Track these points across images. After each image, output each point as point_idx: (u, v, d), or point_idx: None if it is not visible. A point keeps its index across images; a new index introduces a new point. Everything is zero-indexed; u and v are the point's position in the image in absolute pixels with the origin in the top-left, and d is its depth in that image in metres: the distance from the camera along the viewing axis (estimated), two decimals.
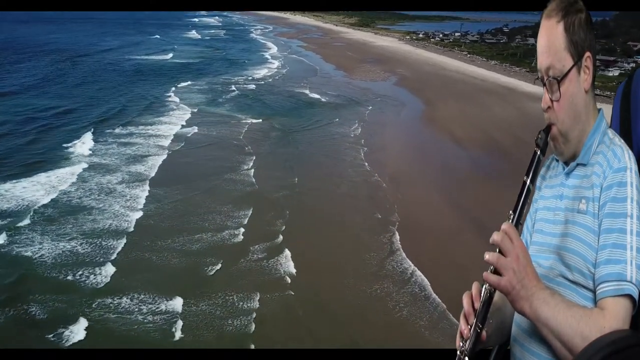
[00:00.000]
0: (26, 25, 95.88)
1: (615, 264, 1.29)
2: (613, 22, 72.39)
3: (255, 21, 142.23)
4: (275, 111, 35.90)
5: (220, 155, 25.78)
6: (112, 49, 65.86)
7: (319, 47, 75.87)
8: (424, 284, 14.72)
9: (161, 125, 30.67)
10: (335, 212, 19.30)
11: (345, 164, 24.97)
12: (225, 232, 17.37)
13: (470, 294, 1.40)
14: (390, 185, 22.01)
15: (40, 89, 39.58)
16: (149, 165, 23.47)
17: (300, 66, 57.92)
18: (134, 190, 20.42)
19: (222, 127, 31.16)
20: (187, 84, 44.45)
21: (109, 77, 46.33)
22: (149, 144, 26.98)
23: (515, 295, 1.28)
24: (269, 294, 14.04)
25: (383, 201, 20.40)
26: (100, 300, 13.50)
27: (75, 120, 31.13)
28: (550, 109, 1.46)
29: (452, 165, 25.09)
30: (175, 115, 33.24)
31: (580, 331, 1.22)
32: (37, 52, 59.30)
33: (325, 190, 21.49)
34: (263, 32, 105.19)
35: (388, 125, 32.62)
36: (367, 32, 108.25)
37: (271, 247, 16.47)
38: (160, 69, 52.12)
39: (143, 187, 20.82)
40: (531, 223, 1.61)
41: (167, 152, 25.69)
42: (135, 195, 19.94)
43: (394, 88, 46.22)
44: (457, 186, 22.37)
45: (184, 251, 16.02)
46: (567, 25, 1.41)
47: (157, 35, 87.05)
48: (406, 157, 26.08)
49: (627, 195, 1.33)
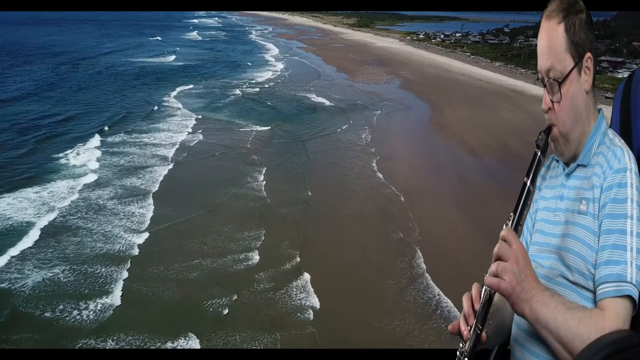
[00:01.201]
0: (24, 27, 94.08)
1: (615, 265, 1.27)
2: (614, 22, 71.40)
3: (254, 22, 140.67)
4: (281, 117, 34.34)
5: (227, 166, 24.18)
6: (113, 52, 64.30)
7: (319, 49, 74.39)
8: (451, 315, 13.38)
9: (164, 134, 29.06)
10: (354, 230, 17.74)
11: (359, 175, 23.42)
12: (238, 255, 15.80)
13: (470, 295, 1.38)
14: (407, 199, 20.51)
15: (37, 95, 37.80)
16: (151, 179, 21.82)
17: (302, 69, 56.36)
18: (135, 209, 18.77)
19: (227, 135, 29.58)
20: (189, 88, 43.00)
21: (110, 82, 44.70)
22: (151, 154, 25.32)
23: (515, 298, 1.27)
24: (290, 332, 12.56)
25: (401, 218, 18.86)
26: (99, 340, 12.01)
27: (72, 129, 29.46)
28: (551, 110, 1.44)
29: (468, 176, 23.65)
30: (179, 123, 31.62)
31: (580, 333, 1.20)
32: (36, 56, 57.52)
33: (341, 206, 19.89)
34: (262, 33, 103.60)
35: (397, 132, 31.16)
36: (366, 32, 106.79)
37: (288, 275, 14.94)
38: (162, 72, 50.53)
39: (145, 205, 19.17)
40: (531, 223, 1.58)
41: (171, 164, 24.01)
42: (138, 215, 18.28)
43: (399, 91, 44.80)
44: (475, 199, 20.94)
45: (193, 281, 14.41)
46: (567, 26, 1.39)
47: (158, 37, 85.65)
48: (419, 168, 24.64)
49: (627, 196, 1.31)
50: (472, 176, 23.70)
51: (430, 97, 41.70)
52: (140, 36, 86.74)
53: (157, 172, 22.82)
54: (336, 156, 26.45)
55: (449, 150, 27.76)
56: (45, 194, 19.82)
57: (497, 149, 27.75)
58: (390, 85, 47.89)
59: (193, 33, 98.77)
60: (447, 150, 27.77)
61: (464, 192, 21.77)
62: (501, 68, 58.00)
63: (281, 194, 20.92)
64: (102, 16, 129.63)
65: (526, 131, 30.39)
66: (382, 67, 58.16)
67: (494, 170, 24.61)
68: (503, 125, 32.98)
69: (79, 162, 23.62)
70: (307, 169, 24.20)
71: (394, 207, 19.92)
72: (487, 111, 37.03)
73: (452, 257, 16.01)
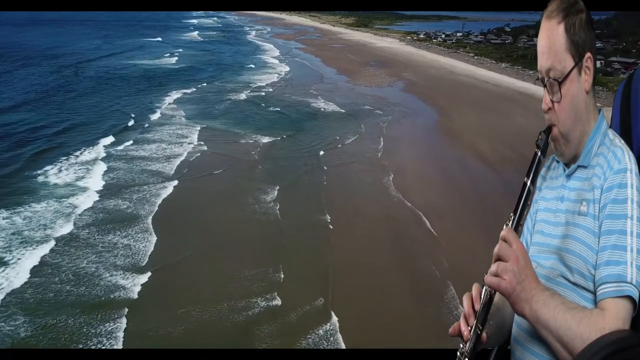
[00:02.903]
0: (19, 28, 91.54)
1: (615, 265, 1.25)
2: (616, 21, 69.54)
3: (252, 22, 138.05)
4: (287, 125, 31.98)
5: (234, 184, 21.71)
6: (114, 54, 62.02)
7: (319, 50, 71.98)
8: None
9: (163, 146, 26.66)
10: (382, 264, 15.50)
11: (378, 194, 21.17)
12: (256, 301, 13.48)
13: (470, 296, 1.37)
14: (432, 223, 18.42)
15: (32, 103, 35.35)
16: (148, 203, 19.30)
17: (302, 71, 53.92)
18: (132, 241, 16.16)
19: (232, 147, 27.13)
20: (191, 92, 40.91)
21: (109, 87, 42.35)
22: (150, 170, 22.86)
23: (515, 298, 1.26)
24: None
25: (433, 249, 16.68)
26: None
27: (65, 142, 26.92)
28: (551, 110, 1.43)
29: (490, 196, 21.27)
30: (179, 134, 29.20)
31: (580, 333, 1.19)
32: (34, 59, 55.05)
33: (365, 234, 17.52)
34: (260, 34, 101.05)
35: (409, 143, 28.85)
36: (365, 32, 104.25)
37: (312, 318, 12.74)
38: (163, 75, 48.34)
39: (144, 237, 16.52)
40: (532, 223, 1.56)
41: (171, 184, 21.51)
42: (135, 250, 15.66)
43: (404, 95, 42.49)
44: (497, 221, 18.73)
45: (202, 331, 12.07)
46: (567, 26, 1.37)
47: (158, 38, 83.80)
48: (438, 185, 22.34)
49: (628, 197, 1.30)
50: (494, 195, 21.34)
51: (437, 102, 39.41)
52: (140, 37, 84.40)
53: (154, 193, 20.35)
54: (352, 171, 24.08)
55: (465, 164, 25.49)
56: (20, 221, 17.35)
57: (514, 160, 25.43)
58: (394, 89, 45.59)
59: (193, 33, 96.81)
60: (463, 164, 25.50)
61: (485, 212, 19.49)
62: (508, 70, 55.36)
63: (296, 219, 18.56)
64: (100, 16, 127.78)
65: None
66: (384, 69, 55.79)
67: (513, 186, 22.33)
68: (517, 132, 30.66)
69: (61, 182, 21.21)
70: (323, 189, 21.79)
71: (424, 238, 17.63)
72: (498, 117, 34.78)
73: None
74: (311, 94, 41.91)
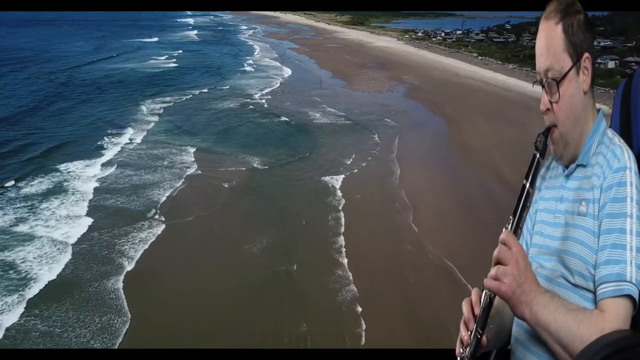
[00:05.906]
0: (17, 29, 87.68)
1: (614, 265, 1.21)
2: (618, 20, 65.41)
3: (245, 21, 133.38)
4: (284, 145, 27.61)
5: (234, 227, 17.58)
6: (113, 57, 58.27)
7: (313, 50, 67.29)
8: None
9: (152, 184, 22.51)
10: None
11: (404, 238, 17.04)
12: None
13: (470, 300, 1.33)
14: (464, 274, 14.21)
15: (26, 115, 31.39)
16: (124, 256, 15.17)
17: (298, 75, 49.25)
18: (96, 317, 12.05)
19: (229, 177, 22.48)
20: (192, 97, 37.93)
21: (110, 93, 39.19)
22: (128, 212, 18.67)
23: (515, 301, 1.22)
24: None
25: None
26: None
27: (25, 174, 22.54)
28: (550, 110, 1.38)
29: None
30: (174, 161, 24.67)
31: (581, 334, 1.15)
32: (31, 62, 51.33)
33: (397, 303, 13.34)
34: (255, 34, 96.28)
35: (425, 164, 24.43)
36: (362, 31, 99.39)
37: None
38: (164, 79, 45.52)
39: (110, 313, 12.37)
40: (531, 224, 1.50)
41: (150, 232, 17.14)
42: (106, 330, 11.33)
43: (408, 102, 37.99)
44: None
45: None
46: (565, 26, 1.33)
47: (155, 38, 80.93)
48: (464, 223, 18.08)
49: (627, 195, 1.25)
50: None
51: (444, 109, 34.98)
52: (138, 37, 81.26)
53: (131, 246, 16.13)
54: (371, 209, 19.45)
55: (487, 191, 21.01)
56: None
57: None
58: (395, 94, 41.19)
59: (193, 32, 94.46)
60: (486, 191, 21.05)
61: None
62: (516, 72, 50.56)
63: (318, 277, 14.47)
64: (98, 16, 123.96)
65: None
66: (384, 71, 51.21)
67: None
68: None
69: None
70: (338, 232, 17.52)
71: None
72: (514, 127, 30.33)
73: None
74: (305, 102, 37.30)
